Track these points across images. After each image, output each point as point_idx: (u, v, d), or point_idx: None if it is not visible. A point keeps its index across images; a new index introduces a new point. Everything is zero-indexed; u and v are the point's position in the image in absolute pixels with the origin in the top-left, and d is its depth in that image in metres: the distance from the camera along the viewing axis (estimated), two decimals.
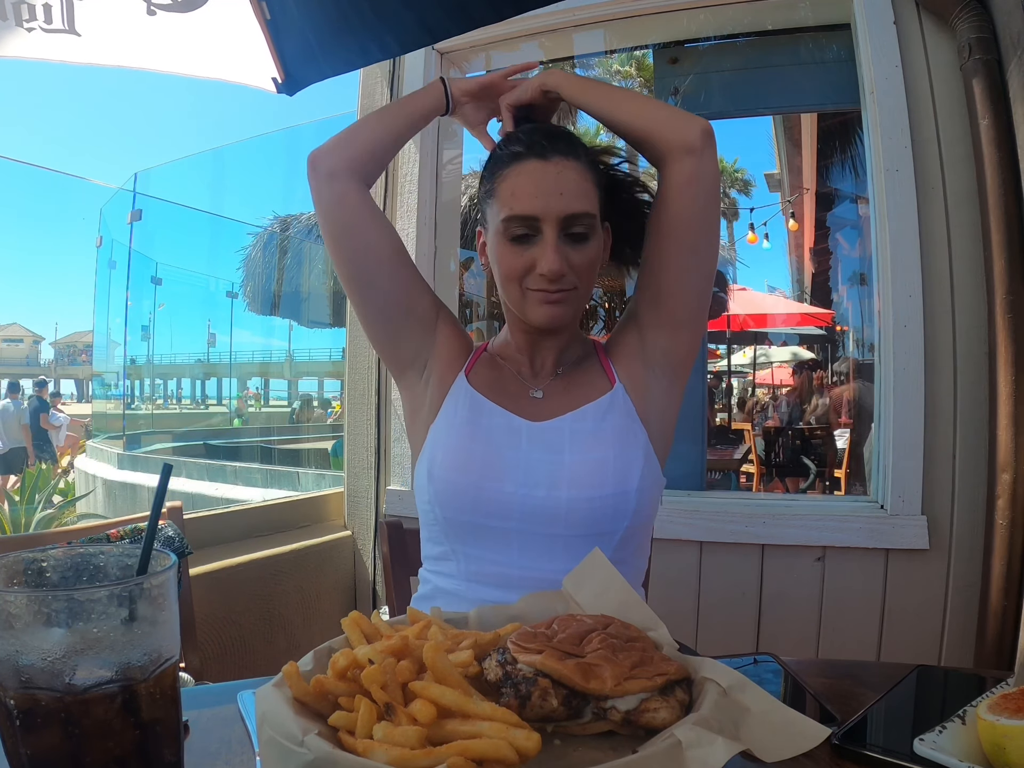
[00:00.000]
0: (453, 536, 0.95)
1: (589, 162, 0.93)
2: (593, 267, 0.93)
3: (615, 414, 0.95)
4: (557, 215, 0.87)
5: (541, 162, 0.90)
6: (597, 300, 7.47)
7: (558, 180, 0.89)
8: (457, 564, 0.95)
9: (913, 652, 1.73)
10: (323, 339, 11.06)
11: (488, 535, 0.93)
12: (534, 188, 0.88)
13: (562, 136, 0.94)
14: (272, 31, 1.61)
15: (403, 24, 1.57)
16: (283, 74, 1.71)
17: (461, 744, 0.42)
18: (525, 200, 0.88)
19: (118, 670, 0.43)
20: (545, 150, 0.90)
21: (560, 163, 0.89)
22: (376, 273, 0.98)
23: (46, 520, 4.89)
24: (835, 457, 5.27)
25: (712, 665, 0.53)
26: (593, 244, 0.91)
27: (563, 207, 0.88)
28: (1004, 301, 1.60)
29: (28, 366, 31.12)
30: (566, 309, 0.92)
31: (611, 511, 0.91)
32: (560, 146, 0.91)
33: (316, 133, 5.50)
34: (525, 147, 0.91)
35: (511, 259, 0.90)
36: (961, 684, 0.76)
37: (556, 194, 0.88)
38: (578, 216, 0.89)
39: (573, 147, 0.92)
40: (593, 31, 2.21)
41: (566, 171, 0.89)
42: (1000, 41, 1.64)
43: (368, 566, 2.25)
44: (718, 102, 2.48)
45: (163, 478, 0.53)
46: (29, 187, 22.38)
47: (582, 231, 0.89)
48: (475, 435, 0.95)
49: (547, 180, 0.89)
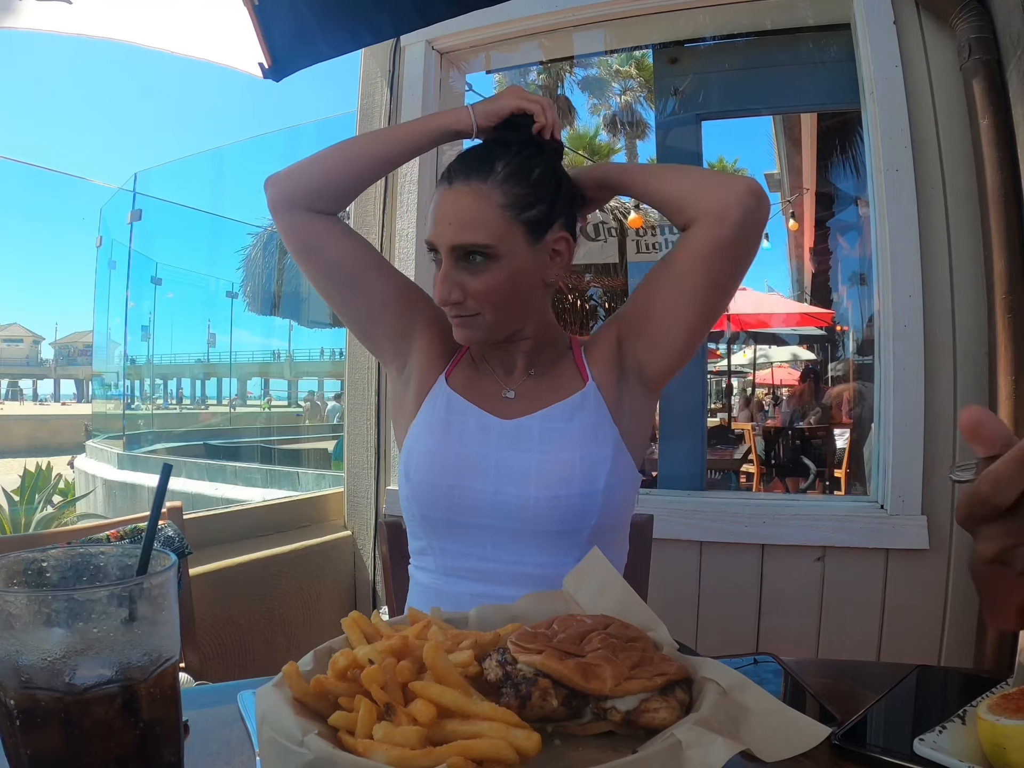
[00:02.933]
0: (431, 532, 0.97)
1: (502, 185, 0.88)
2: (497, 293, 0.89)
3: (585, 412, 0.96)
4: (446, 244, 0.88)
5: (446, 189, 0.90)
6: (597, 300, 7.46)
7: (452, 208, 0.88)
8: (434, 559, 0.98)
9: (913, 652, 1.73)
10: (323, 339, 11.07)
11: (463, 531, 0.95)
12: (436, 215, 0.90)
13: (478, 158, 0.91)
14: (260, 15, 1.59)
15: (396, 5, 1.55)
16: (270, 60, 1.70)
17: (461, 744, 0.42)
18: (430, 228, 0.91)
19: (118, 670, 0.43)
20: (452, 176, 0.90)
21: (459, 191, 0.88)
22: (340, 290, 1.00)
23: (46, 520, 4.89)
24: (835, 457, 5.27)
25: (712, 665, 0.53)
26: (495, 271, 0.88)
27: (451, 237, 0.87)
28: (1004, 301, 1.60)
29: (28, 366, 31.12)
30: (475, 332, 0.93)
31: (578, 509, 0.92)
32: (468, 171, 0.89)
33: (316, 133, 5.51)
34: (446, 170, 0.92)
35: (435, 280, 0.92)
36: (961, 684, 0.77)
37: (446, 223, 0.88)
38: (465, 246, 0.87)
39: (482, 172, 0.88)
40: (593, 31, 2.21)
41: (462, 199, 0.87)
42: (1000, 41, 1.64)
43: (368, 566, 2.25)
44: (718, 102, 2.49)
45: (163, 478, 0.53)
46: (29, 187, 22.38)
47: (477, 259, 0.88)
48: (449, 434, 0.96)
49: (444, 207, 0.89)
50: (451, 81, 2.33)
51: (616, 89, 15.85)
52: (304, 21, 1.60)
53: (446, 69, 2.30)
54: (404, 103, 2.24)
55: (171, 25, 1.65)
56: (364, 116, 2.32)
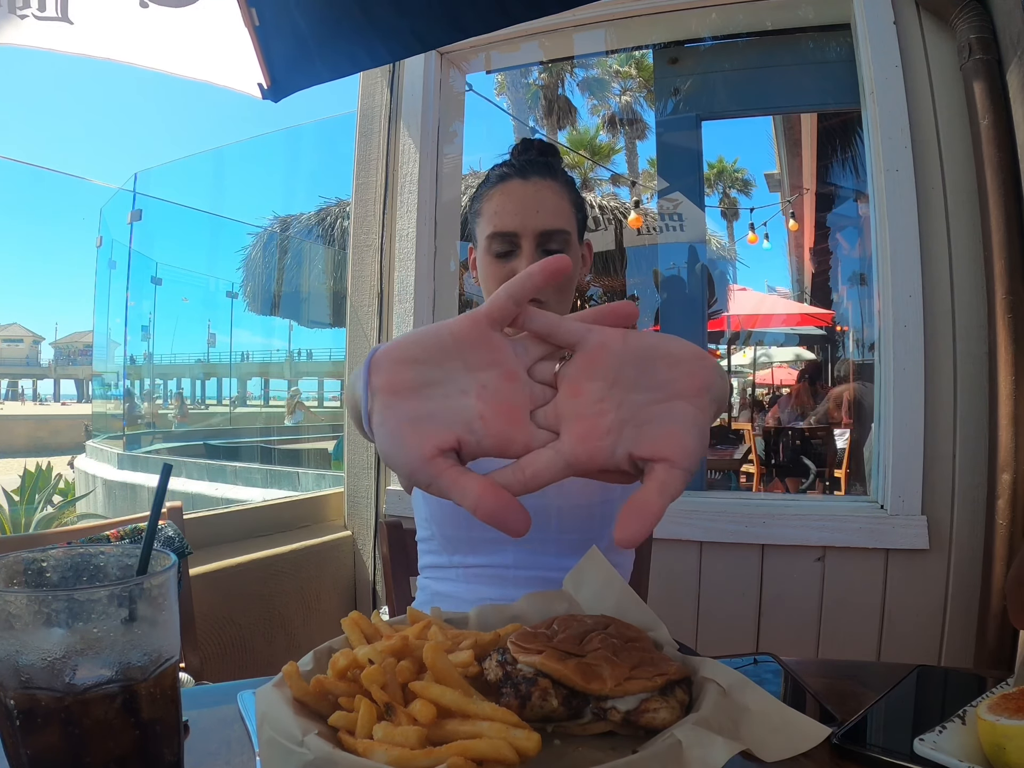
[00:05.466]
0: (452, 549, 0.98)
1: (566, 182, 1.00)
2: (566, 283, 0.98)
3: None
4: (534, 230, 0.94)
5: (521, 182, 0.97)
6: (597, 300, 7.47)
7: (536, 198, 0.95)
8: (456, 571, 0.99)
9: (913, 652, 1.73)
10: (323, 339, 11.07)
11: (484, 545, 0.96)
12: (514, 207, 0.95)
13: (542, 161, 1.01)
14: (261, 37, 1.62)
15: (395, 32, 1.58)
16: (269, 80, 1.72)
17: (461, 744, 0.42)
18: (506, 218, 0.95)
19: (118, 670, 0.43)
20: (526, 171, 0.98)
21: (538, 183, 0.97)
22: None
23: (46, 520, 4.89)
24: (835, 457, 5.27)
25: (712, 665, 0.53)
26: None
27: (539, 223, 0.94)
28: (1004, 301, 1.60)
29: (28, 366, 31.13)
30: None
31: (599, 518, 0.94)
32: (540, 168, 0.98)
33: (316, 133, 5.52)
34: (509, 168, 0.99)
35: (494, 271, 0.97)
36: (961, 684, 0.76)
37: (533, 211, 0.95)
38: (553, 232, 0.95)
39: (551, 169, 0.99)
40: (593, 31, 2.21)
41: (543, 190, 0.96)
42: (1000, 41, 1.64)
43: (368, 566, 2.25)
44: (718, 102, 2.49)
45: (163, 478, 0.53)
46: (29, 187, 22.39)
47: (557, 247, 0.95)
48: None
49: (526, 198, 0.95)
50: (451, 81, 2.34)
51: (616, 89, 15.86)
52: (304, 44, 1.61)
53: (446, 69, 2.30)
54: (404, 103, 2.25)
55: (170, 46, 1.67)
56: (364, 117, 2.33)
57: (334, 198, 7.93)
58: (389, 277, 2.24)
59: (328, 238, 7.56)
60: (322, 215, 7.86)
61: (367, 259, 2.27)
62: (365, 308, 2.27)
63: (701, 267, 3.55)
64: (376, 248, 2.25)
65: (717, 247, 8.81)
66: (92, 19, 1.56)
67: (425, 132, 2.21)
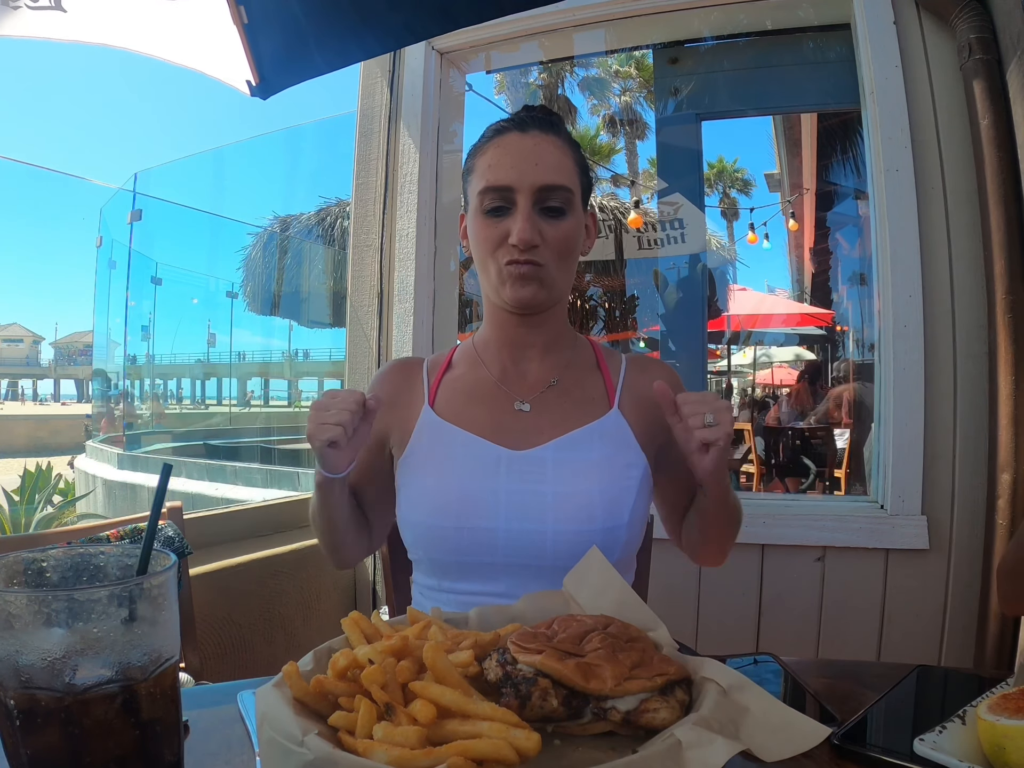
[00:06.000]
0: (440, 573, 0.92)
1: (570, 142, 0.91)
2: (568, 245, 0.88)
3: (606, 442, 0.90)
4: (531, 185, 0.85)
5: (519, 134, 0.88)
6: (597, 300, 7.46)
7: (535, 151, 0.87)
8: (447, 596, 0.93)
9: (913, 652, 1.73)
10: (323, 339, 11.07)
11: (475, 570, 0.89)
12: (510, 159, 0.87)
13: (545, 117, 0.92)
14: (249, 35, 1.61)
15: (386, 25, 1.57)
16: (257, 78, 1.71)
17: (461, 744, 0.42)
18: (501, 171, 0.86)
19: (118, 670, 0.43)
20: (525, 124, 0.89)
21: (538, 136, 0.88)
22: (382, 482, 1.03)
23: (46, 520, 4.89)
24: (835, 457, 5.26)
25: (712, 665, 0.53)
26: (570, 221, 0.88)
27: (537, 177, 0.86)
28: (1004, 301, 1.60)
29: (28, 366, 31.13)
30: (539, 288, 0.88)
31: (600, 545, 0.80)
32: (540, 122, 0.89)
33: (316, 133, 5.51)
34: (507, 122, 0.91)
35: (486, 231, 0.88)
36: (961, 684, 0.76)
37: (531, 164, 0.86)
38: (553, 188, 0.86)
39: (554, 125, 0.90)
40: (593, 31, 2.21)
41: (543, 143, 0.88)
42: (1000, 41, 1.64)
43: (368, 566, 2.25)
44: (718, 102, 2.49)
45: (163, 478, 0.53)
46: (29, 187, 22.39)
47: (558, 205, 0.87)
48: (449, 470, 0.90)
49: (523, 151, 0.87)
50: (451, 81, 2.33)
51: (616, 89, 15.86)
52: (294, 39, 1.60)
53: (446, 69, 2.30)
54: (404, 103, 2.24)
55: (164, 34, 1.66)
56: (364, 116, 2.33)
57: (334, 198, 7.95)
58: (389, 277, 2.24)
59: (328, 238, 7.57)
60: (322, 215, 7.87)
61: (367, 259, 2.27)
62: (365, 308, 2.27)
63: (702, 267, 3.55)
64: (376, 248, 2.25)
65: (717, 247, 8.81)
66: (85, 6, 1.55)
67: (425, 132, 2.21)
